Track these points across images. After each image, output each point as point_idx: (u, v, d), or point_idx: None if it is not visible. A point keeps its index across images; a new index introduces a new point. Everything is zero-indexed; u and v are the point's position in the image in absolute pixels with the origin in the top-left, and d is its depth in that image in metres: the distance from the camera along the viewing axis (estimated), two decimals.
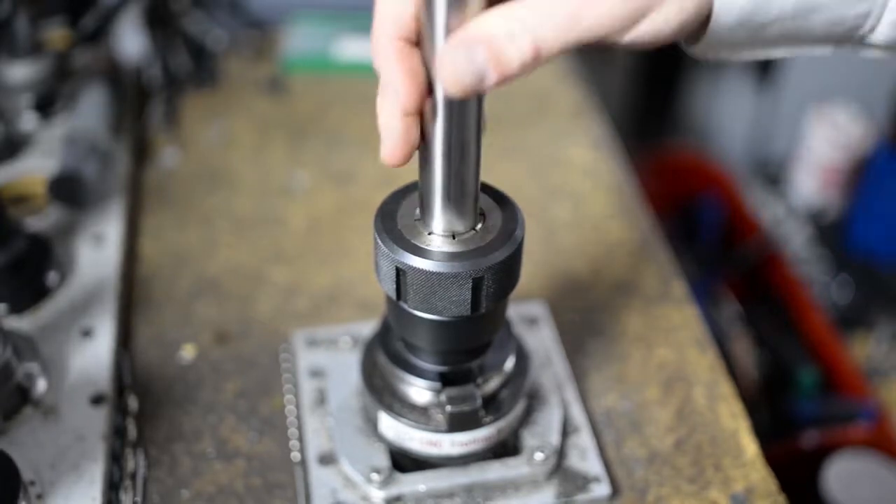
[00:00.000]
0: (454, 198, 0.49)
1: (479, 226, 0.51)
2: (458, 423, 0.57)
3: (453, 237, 0.50)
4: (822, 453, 1.10)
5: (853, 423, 1.21)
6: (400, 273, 0.50)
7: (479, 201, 0.51)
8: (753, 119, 1.86)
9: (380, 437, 0.61)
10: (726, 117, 1.93)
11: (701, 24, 0.44)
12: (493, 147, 0.48)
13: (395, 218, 0.52)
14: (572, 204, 0.88)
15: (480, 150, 0.48)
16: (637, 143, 1.78)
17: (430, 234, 0.50)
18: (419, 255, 0.49)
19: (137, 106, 0.97)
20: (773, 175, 1.92)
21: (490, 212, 0.52)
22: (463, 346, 0.56)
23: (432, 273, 0.49)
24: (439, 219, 0.50)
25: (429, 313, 0.52)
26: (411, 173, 0.97)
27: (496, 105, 0.51)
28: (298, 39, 1.11)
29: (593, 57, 1.67)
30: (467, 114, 0.45)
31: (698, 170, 1.75)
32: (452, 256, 0.49)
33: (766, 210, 1.83)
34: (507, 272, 0.51)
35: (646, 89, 1.90)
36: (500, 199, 0.53)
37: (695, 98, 1.93)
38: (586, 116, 1.01)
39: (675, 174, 1.77)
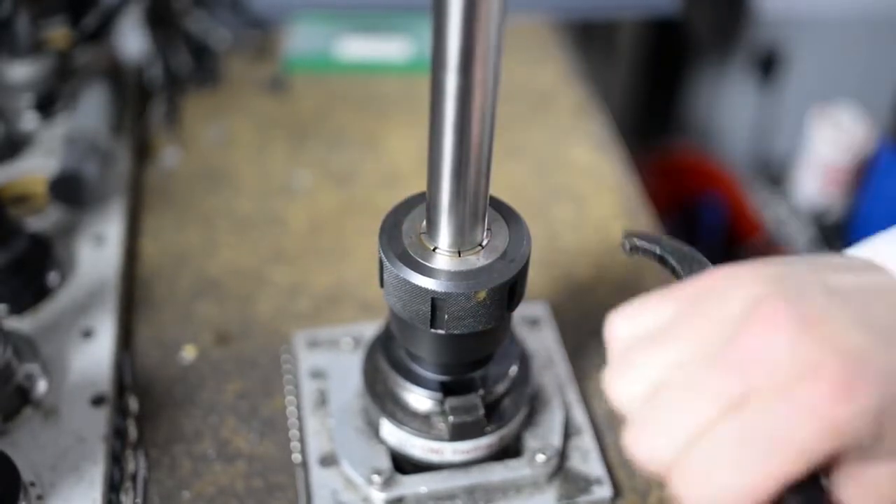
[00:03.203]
0: (459, 214, 0.48)
1: (486, 241, 0.51)
2: (460, 433, 0.57)
3: (459, 253, 0.50)
4: None
5: None
6: (383, 266, 0.51)
7: (488, 214, 0.51)
8: (756, 119, 1.86)
9: (381, 440, 0.60)
10: (728, 117, 1.93)
11: None
12: (494, 147, 0.48)
13: (403, 218, 0.52)
14: (574, 204, 0.87)
15: (490, 169, 0.47)
16: (639, 144, 1.78)
17: (434, 248, 0.50)
18: (396, 254, 0.50)
19: (138, 105, 0.97)
20: (776, 175, 1.91)
21: (498, 228, 0.52)
22: (465, 359, 0.56)
23: (399, 276, 0.49)
24: (441, 233, 0.49)
25: (399, 314, 0.52)
26: (412, 174, 0.96)
27: (498, 106, 0.51)
28: (300, 39, 1.10)
29: (595, 57, 1.67)
30: (481, 134, 0.45)
31: (700, 170, 1.75)
32: (424, 269, 0.49)
33: (769, 210, 1.83)
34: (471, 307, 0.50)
35: (648, 89, 1.90)
36: (510, 216, 0.53)
37: (697, 98, 1.93)
38: (588, 116, 1.00)
39: (678, 174, 1.77)
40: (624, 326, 0.43)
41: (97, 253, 0.77)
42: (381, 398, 0.59)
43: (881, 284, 0.40)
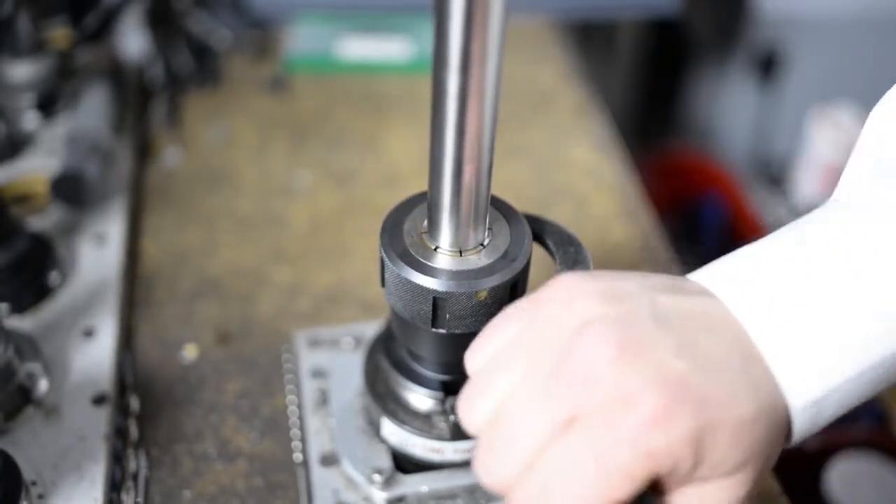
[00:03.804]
0: (460, 213, 0.48)
1: (487, 241, 0.51)
2: (461, 432, 0.57)
3: (460, 253, 0.50)
4: (825, 454, 1.09)
5: (856, 423, 1.21)
6: (384, 265, 0.51)
7: (489, 214, 0.51)
8: (756, 119, 1.86)
9: (382, 439, 0.61)
10: (728, 117, 1.93)
11: None
12: (495, 147, 0.48)
13: (404, 218, 0.52)
14: (574, 204, 0.88)
15: (492, 169, 0.47)
16: (639, 143, 1.78)
17: (436, 248, 0.50)
18: (398, 254, 0.49)
19: (139, 105, 0.97)
20: (776, 175, 1.91)
21: (499, 228, 0.52)
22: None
23: (400, 276, 0.49)
24: (442, 232, 0.49)
25: (400, 313, 0.52)
26: (412, 174, 0.96)
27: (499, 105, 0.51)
28: (301, 39, 1.11)
29: (595, 57, 1.67)
30: (482, 133, 0.45)
31: (700, 170, 1.75)
32: (426, 268, 0.49)
33: (769, 210, 1.83)
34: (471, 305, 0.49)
35: (648, 89, 1.90)
36: (511, 216, 0.53)
37: (697, 98, 1.93)
38: (588, 116, 1.00)
39: (678, 174, 1.77)
40: (476, 359, 0.43)
41: (98, 252, 0.77)
42: (382, 397, 0.59)
43: (708, 310, 0.40)
